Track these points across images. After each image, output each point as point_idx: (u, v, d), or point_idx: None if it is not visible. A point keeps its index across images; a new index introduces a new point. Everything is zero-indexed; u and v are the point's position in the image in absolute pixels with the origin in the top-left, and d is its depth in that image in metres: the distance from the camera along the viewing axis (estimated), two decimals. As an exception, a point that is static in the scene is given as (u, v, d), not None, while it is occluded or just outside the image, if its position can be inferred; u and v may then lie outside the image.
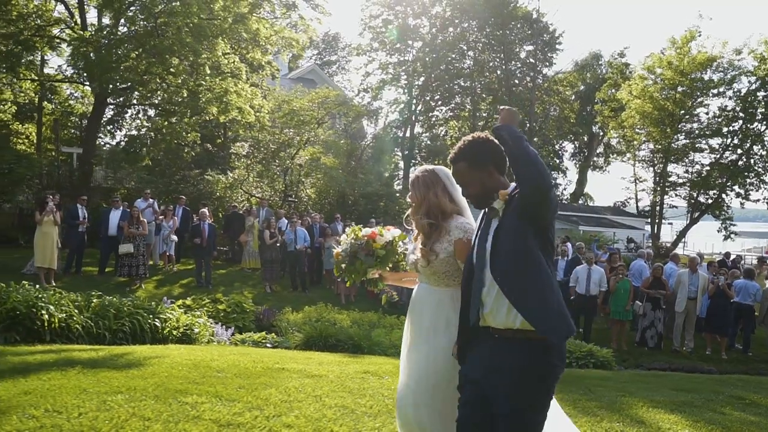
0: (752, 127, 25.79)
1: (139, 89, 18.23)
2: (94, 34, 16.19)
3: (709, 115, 26.99)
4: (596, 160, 37.19)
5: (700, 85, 25.74)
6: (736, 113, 26.02)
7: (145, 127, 22.13)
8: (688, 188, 27.93)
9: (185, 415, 3.71)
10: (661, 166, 28.44)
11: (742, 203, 27.08)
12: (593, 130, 35.41)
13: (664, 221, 29.83)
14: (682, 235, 28.98)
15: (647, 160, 30.49)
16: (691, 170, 28.17)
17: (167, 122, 18.11)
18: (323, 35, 38.30)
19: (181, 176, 18.78)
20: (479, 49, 29.85)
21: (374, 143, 28.60)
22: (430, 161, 29.95)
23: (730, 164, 26.46)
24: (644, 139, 28.98)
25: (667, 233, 31.62)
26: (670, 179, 28.40)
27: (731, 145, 26.57)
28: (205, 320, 8.17)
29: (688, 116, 26.78)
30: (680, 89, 25.80)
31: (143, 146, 18.85)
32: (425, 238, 2.76)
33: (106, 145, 23.52)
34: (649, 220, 30.30)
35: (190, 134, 18.08)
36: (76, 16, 17.57)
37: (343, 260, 3.09)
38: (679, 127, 26.75)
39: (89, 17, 18.21)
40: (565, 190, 36.66)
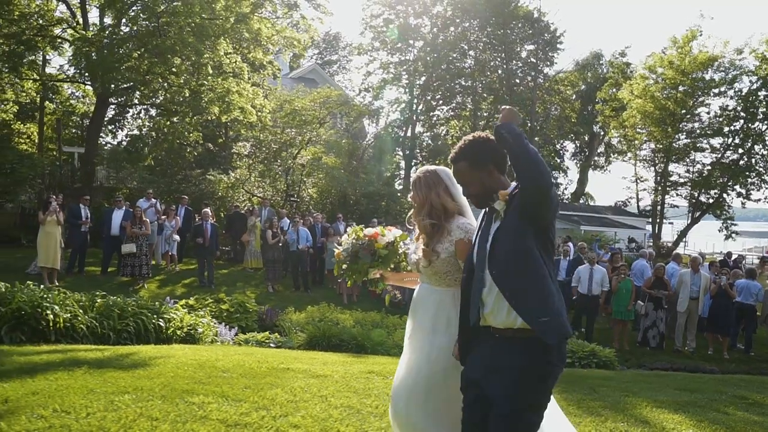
0: (753, 126, 25.81)
1: (141, 89, 18.24)
2: (96, 33, 16.16)
3: (710, 114, 27.10)
4: (597, 159, 37.21)
5: (701, 84, 25.76)
6: (737, 113, 26.04)
7: (146, 126, 22.15)
8: (689, 188, 27.97)
9: (193, 415, 3.73)
10: (662, 165, 28.48)
11: (743, 203, 27.12)
12: (594, 129, 35.42)
13: (665, 221, 29.84)
14: (683, 234, 28.97)
15: (648, 159, 30.55)
16: (692, 170, 28.23)
17: (169, 122, 18.13)
18: (324, 35, 38.34)
19: (182, 176, 18.79)
20: (480, 48, 29.85)
21: (375, 143, 28.61)
22: (431, 161, 29.99)
23: (731, 164, 26.50)
24: (645, 138, 28.99)
25: (667, 233, 31.62)
26: (671, 179, 28.44)
27: (732, 144, 26.61)
28: (208, 320, 8.19)
29: (689, 116, 26.79)
30: (681, 89, 25.81)
31: (145, 146, 18.86)
32: (428, 238, 2.76)
33: (107, 144, 23.57)
34: (650, 219, 30.31)
35: (192, 134, 18.11)
36: (78, 15, 17.56)
37: (344, 260, 3.10)
38: (680, 126, 26.79)
39: (91, 17, 18.29)
40: (566, 189, 36.68)
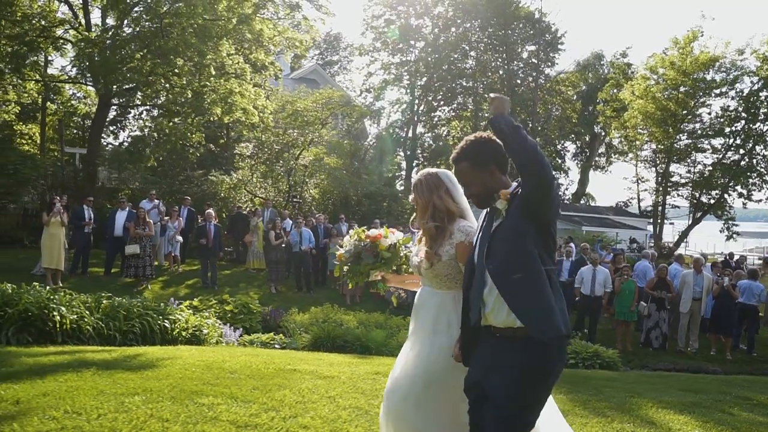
0: (755, 127, 25.79)
1: (143, 90, 18.25)
2: (98, 35, 16.18)
3: (711, 115, 27.08)
4: (598, 160, 37.21)
5: (702, 85, 25.76)
6: (738, 113, 26.04)
7: (148, 127, 22.16)
8: (690, 188, 27.98)
9: (203, 416, 3.76)
10: (663, 166, 28.50)
11: (744, 203, 27.10)
12: (595, 130, 35.43)
13: (666, 221, 29.86)
14: (684, 235, 28.97)
15: (649, 160, 30.58)
16: (693, 170, 28.23)
17: (171, 123, 18.14)
18: (325, 35, 38.39)
19: (184, 177, 18.82)
20: (481, 49, 29.90)
21: (377, 143, 28.64)
22: (432, 161, 30.04)
23: (732, 164, 26.49)
24: (646, 139, 29.01)
25: (668, 233, 31.64)
26: (672, 179, 28.45)
27: (734, 145, 26.59)
28: (213, 321, 8.21)
29: (690, 116, 26.78)
30: (683, 89, 25.81)
31: (147, 147, 18.87)
32: (431, 241, 2.77)
33: (108, 145, 23.59)
34: (651, 220, 30.31)
35: (194, 135, 18.13)
36: (80, 17, 17.56)
37: (346, 261, 3.11)
38: (681, 127, 26.78)
39: (93, 18, 18.25)
40: (567, 190, 36.68)
